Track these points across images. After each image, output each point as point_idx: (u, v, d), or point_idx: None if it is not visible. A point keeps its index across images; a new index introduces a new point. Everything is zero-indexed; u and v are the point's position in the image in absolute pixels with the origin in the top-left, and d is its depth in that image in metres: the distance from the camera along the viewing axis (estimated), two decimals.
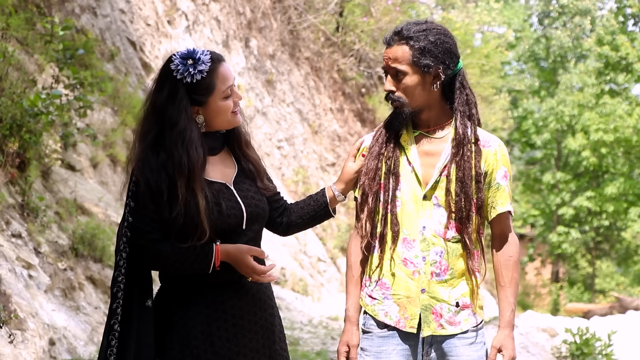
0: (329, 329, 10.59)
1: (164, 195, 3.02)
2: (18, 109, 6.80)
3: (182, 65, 3.06)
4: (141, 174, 3.05)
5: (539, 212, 31.90)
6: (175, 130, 3.04)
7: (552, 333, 13.84)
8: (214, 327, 3.07)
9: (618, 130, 28.11)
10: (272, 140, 15.98)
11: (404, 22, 3.16)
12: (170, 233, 3.03)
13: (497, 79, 24.01)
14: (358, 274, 3.24)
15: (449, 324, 3.13)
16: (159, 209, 3.02)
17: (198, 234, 3.00)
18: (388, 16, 18.34)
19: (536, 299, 31.30)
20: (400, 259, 3.13)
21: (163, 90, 3.08)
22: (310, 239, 14.57)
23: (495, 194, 3.18)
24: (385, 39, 3.14)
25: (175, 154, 3.03)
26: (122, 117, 10.10)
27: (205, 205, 3.01)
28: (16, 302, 5.64)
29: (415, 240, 3.12)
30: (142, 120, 3.14)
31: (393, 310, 3.14)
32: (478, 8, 25.48)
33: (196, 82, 3.06)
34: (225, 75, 3.11)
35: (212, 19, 15.38)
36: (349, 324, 3.21)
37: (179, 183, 3.01)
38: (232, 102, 3.13)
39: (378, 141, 3.22)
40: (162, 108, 3.07)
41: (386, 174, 3.17)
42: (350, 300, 3.23)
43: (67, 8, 10.55)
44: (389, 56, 3.11)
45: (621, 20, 30.60)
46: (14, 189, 6.88)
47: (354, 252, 3.26)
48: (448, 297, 3.13)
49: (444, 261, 3.12)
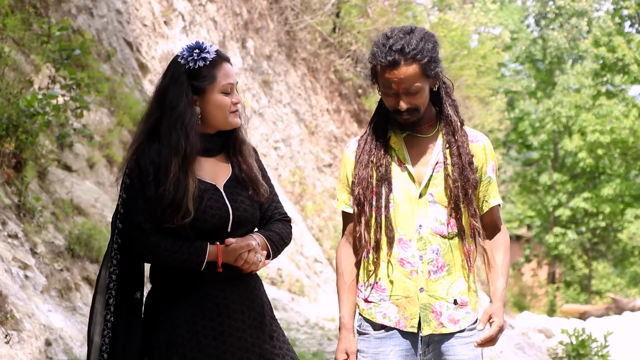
0: (325, 329, 10.59)
1: (150, 175, 3.04)
2: (14, 109, 6.79)
3: (188, 52, 3.11)
4: (133, 153, 3.09)
5: (536, 213, 31.93)
6: (174, 113, 3.07)
7: (548, 334, 13.86)
8: (200, 326, 3.07)
9: (615, 132, 28.14)
10: (268, 141, 15.98)
11: (397, 35, 3.07)
12: (156, 213, 3.04)
13: (494, 80, 24.03)
14: (350, 281, 3.22)
15: (449, 322, 3.14)
16: (145, 190, 3.04)
17: (182, 212, 3.01)
18: (385, 17, 18.34)
19: (532, 300, 31.32)
20: (396, 260, 3.13)
21: (167, 76, 3.14)
22: (307, 240, 14.57)
23: (487, 188, 3.21)
24: (389, 61, 3.05)
25: (173, 134, 3.05)
26: (119, 118, 10.09)
27: (193, 187, 3.03)
28: (12, 302, 5.63)
29: (412, 240, 3.13)
30: (148, 104, 3.20)
31: (392, 312, 3.14)
32: (475, 9, 25.49)
33: (197, 69, 3.09)
34: (227, 72, 3.14)
35: (209, 19, 15.38)
36: (345, 331, 3.20)
37: (174, 161, 3.03)
38: (231, 102, 3.13)
39: (365, 149, 3.20)
40: (164, 91, 3.12)
41: (378, 181, 3.16)
42: (345, 308, 3.21)
43: (64, 8, 10.54)
44: (397, 77, 3.05)
45: (618, 22, 30.61)
46: (10, 190, 6.88)
47: (344, 260, 3.25)
48: (446, 294, 3.13)
49: (440, 258, 3.13)
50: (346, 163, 3.27)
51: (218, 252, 3.06)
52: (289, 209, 14.48)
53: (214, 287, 3.10)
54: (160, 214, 3.04)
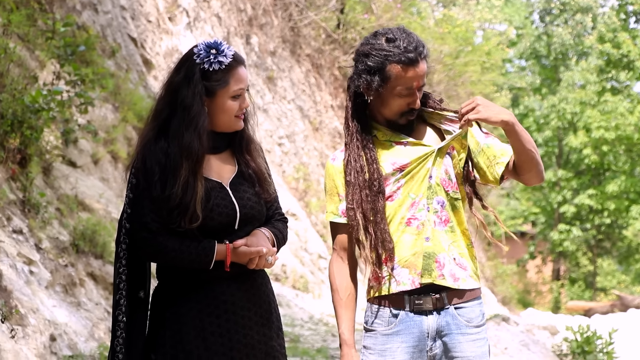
0: (329, 326, 10.59)
1: (156, 175, 3.02)
2: (19, 105, 6.79)
3: (205, 52, 3.08)
4: (140, 151, 3.08)
5: (540, 209, 31.92)
6: (189, 114, 3.05)
7: (553, 331, 13.84)
8: (207, 323, 3.06)
9: (619, 128, 28.11)
10: (272, 137, 15.98)
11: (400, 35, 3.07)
12: (162, 213, 3.02)
13: (498, 76, 24.00)
14: (346, 296, 3.19)
15: (450, 276, 3.11)
16: (151, 190, 3.02)
17: (189, 215, 3.00)
18: (389, 13, 18.33)
19: (537, 297, 31.32)
20: (404, 222, 3.13)
21: (180, 72, 3.10)
22: (311, 236, 14.58)
23: (488, 151, 3.16)
24: (410, 59, 3.05)
25: (185, 136, 3.03)
26: (123, 114, 10.09)
27: (202, 191, 3.02)
28: (17, 297, 5.64)
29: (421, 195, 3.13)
30: (158, 99, 3.17)
31: (404, 275, 3.12)
32: (479, 5, 25.48)
33: (212, 72, 3.07)
34: (241, 77, 3.11)
35: (213, 15, 15.38)
36: (347, 347, 3.17)
37: (184, 165, 3.02)
38: (239, 106, 3.12)
39: (355, 168, 3.16)
40: (177, 88, 3.09)
41: (374, 196, 3.14)
42: (344, 324, 3.18)
43: (69, 4, 10.54)
44: (419, 75, 3.08)
45: (623, 18, 30.58)
46: (15, 185, 6.88)
47: (338, 275, 3.21)
48: (448, 248, 3.12)
49: (444, 212, 3.13)
50: (334, 174, 3.23)
51: (227, 252, 3.05)
52: (293, 205, 14.49)
53: (221, 284, 3.09)
54: (166, 215, 3.02)
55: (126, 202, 3.09)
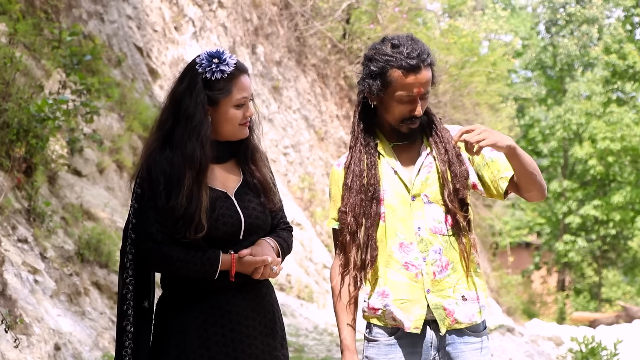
0: (334, 336, 10.57)
1: (161, 185, 3.03)
2: (25, 114, 6.81)
3: (207, 61, 3.08)
4: (145, 161, 3.08)
5: (546, 220, 31.86)
6: (191, 123, 3.05)
7: (558, 342, 13.82)
8: (211, 332, 3.06)
9: (625, 139, 28.08)
10: (278, 147, 15.99)
11: (405, 42, 3.08)
12: (167, 223, 3.02)
13: (504, 86, 23.99)
14: (347, 301, 3.20)
15: (465, 317, 3.13)
16: (156, 200, 3.02)
17: (194, 225, 3.00)
18: (395, 23, 18.35)
19: (542, 307, 31.21)
20: (400, 264, 3.12)
21: (183, 81, 3.11)
22: (316, 246, 14.57)
23: (492, 165, 3.16)
24: (411, 65, 3.06)
25: (188, 146, 3.03)
26: (129, 123, 10.11)
27: (207, 200, 3.02)
28: (22, 306, 5.64)
29: (413, 243, 3.12)
30: (162, 109, 3.18)
31: (400, 315, 3.13)
32: (485, 16, 25.50)
33: (214, 80, 3.07)
34: (244, 86, 3.11)
35: (219, 25, 15.41)
36: (349, 353, 3.17)
37: (188, 174, 3.02)
38: (243, 115, 3.12)
39: (354, 172, 3.18)
40: (180, 98, 3.09)
41: (368, 201, 3.15)
42: (345, 330, 3.19)
43: (75, 14, 10.58)
44: (420, 82, 3.08)
45: (628, 29, 30.58)
46: (21, 194, 6.89)
47: (339, 280, 3.22)
48: (453, 292, 3.12)
49: (443, 257, 3.12)
50: (338, 179, 3.25)
51: (232, 262, 3.05)
52: (298, 215, 14.49)
53: (225, 294, 3.09)
54: (172, 225, 3.02)
55: (131, 212, 3.09)
